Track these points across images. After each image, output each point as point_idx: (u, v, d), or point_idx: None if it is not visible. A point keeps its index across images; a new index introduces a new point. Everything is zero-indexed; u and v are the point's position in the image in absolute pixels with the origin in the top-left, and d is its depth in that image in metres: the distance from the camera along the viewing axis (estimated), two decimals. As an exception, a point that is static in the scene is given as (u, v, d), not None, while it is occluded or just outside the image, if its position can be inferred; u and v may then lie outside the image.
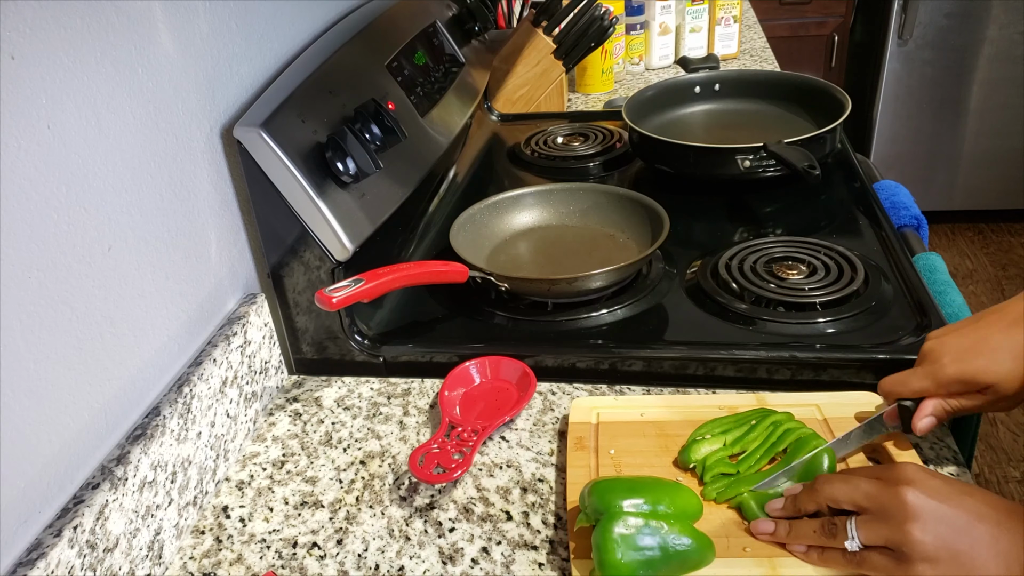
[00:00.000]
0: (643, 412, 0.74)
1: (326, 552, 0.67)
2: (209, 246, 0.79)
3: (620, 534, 0.56)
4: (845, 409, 0.72)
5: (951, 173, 2.82)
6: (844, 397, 0.74)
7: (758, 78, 1.34)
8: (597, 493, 0.60)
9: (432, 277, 0.87)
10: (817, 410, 0.72)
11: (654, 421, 0.73)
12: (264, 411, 0.84)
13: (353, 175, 0.81)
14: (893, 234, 0.97)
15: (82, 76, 0.61)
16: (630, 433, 0.72)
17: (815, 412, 0.72)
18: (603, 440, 0.71)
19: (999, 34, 2.55)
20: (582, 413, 0.75)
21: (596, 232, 1.02)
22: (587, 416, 0.74)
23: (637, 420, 0.73)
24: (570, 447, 0.71)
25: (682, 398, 0.77)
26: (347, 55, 0.93)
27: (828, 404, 0.73)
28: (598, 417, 0.74)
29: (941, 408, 0.63)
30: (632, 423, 0.73)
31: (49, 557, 0.55)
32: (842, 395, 0.74)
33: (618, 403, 0.76)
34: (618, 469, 0.68)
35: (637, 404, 0.76)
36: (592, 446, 0.70)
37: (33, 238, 0.57)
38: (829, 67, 2.83)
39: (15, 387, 0.55)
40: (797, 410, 0.72)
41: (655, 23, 1.75)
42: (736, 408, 0.73)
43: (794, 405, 0.73)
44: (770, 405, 0.73)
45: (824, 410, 0.72)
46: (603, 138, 1.31)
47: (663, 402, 0.76)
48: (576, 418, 0.74)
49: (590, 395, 0.81)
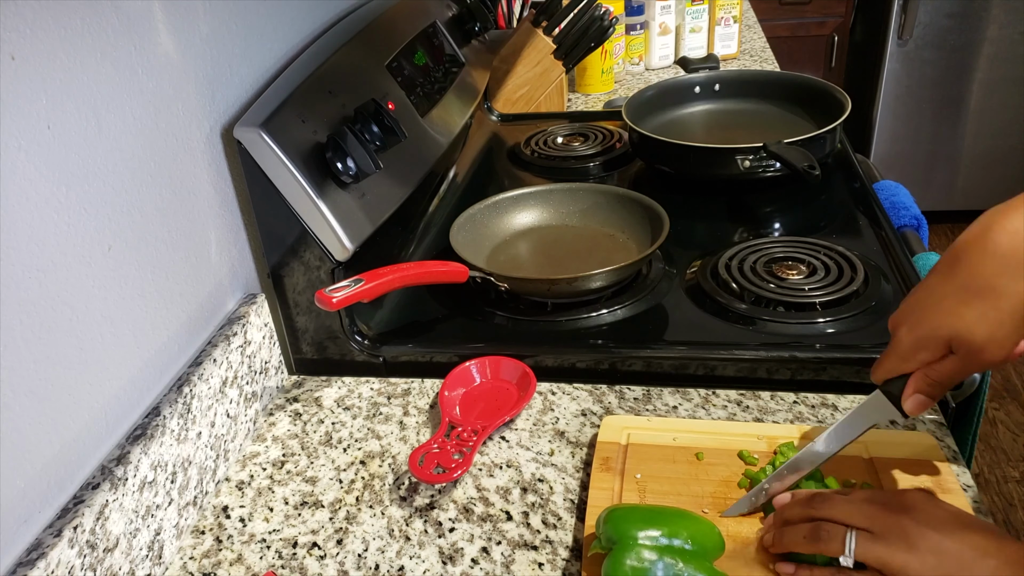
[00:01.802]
0: (676, 437, 0.70)
1: (326, 552, 0.67)
2: (209, 246, 0.79)
3: (632, 567, 0.54)
4: (897, 450, 0.67)
5: (951, 173, 2.82)
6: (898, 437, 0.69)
7: (758, 78, 1.34)
8: (613, 521, 0.57)
9: (432, 277, 0.87)
10: (863, 447, 0.67)
11: (687, 447, 0.69)
12: (264, 411, 0.84)
13: (353, 175, 0.81)
14: (893, 234, 0.97)
15: (82, 76, 0.61)
16: (660, 458, 0.68)
17: (860, 450, 0.67)
18: (631, 463, 0.68)
19: (999, 34, 2.55)
20: (612, 432, 0.71)
21: (596, 232, 1.02)
22: (617, 436, 0.71)
23: (669, 444, 0.70)
24: (595, 468, 0.67)
25: (720, 424, 0.73)
26: (347, 55, 0.93)
27: (877, 443, 0.67)
28: (628, 438, 0.71)
29: (923, 382, 0.58)
30: (664, 447, 0.69)
31: (49, 557, 0.55)
32: (895, 434, 0.69)
33: (652, 424, 0.72)
34: (642, 495, 0.65)
35: (672, 427, 0.72)
36: (618, 468, 0.67)
37: (33, 238, 0.57)
38: (829, 67, 2.83)
39: (15, 387, 0.55)
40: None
41: (655, 23, 1.75)
42: (776, 439, 0.69)
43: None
44: (811, 439, 0.66)
45: (871, 448, 0.67)
46: (603, 138, 1.31)
47: (700, 427, 0.72)
48: (605, 437, 0.71)
49: (622, 412, 0.78)
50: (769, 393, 0.79)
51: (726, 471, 0.67)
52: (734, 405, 0.78)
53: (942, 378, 0.58)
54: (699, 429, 0.72)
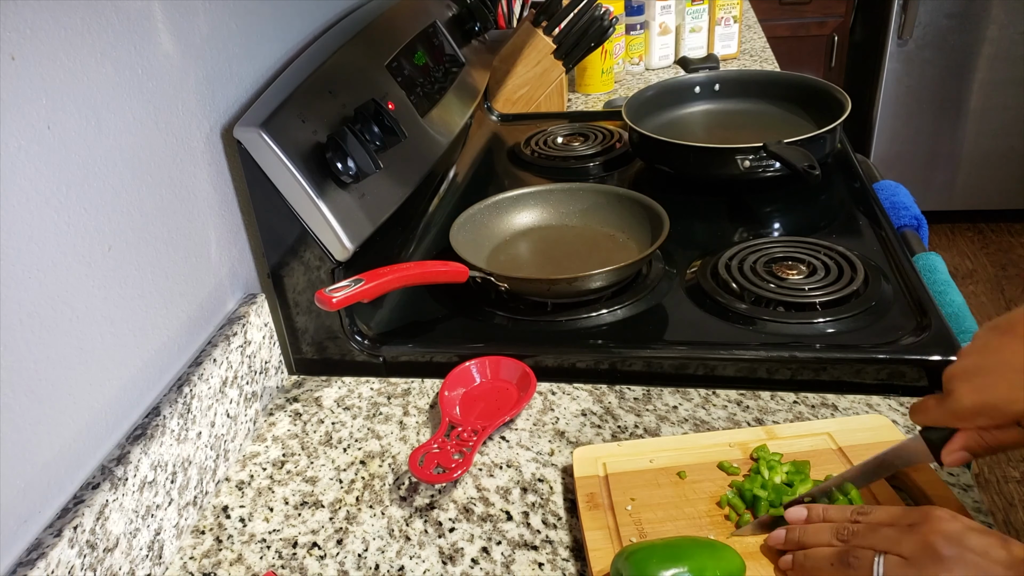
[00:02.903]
0: (652, 458, 0.69)
1: (326, 552, 0.67)
2: (209, 246, 0.79)
3: None
4: (860, 435, 0.69)
5: (951, 173, 2.82)
6: (855, 422, 0.71)
7: (758, 78, 1.34)
8: (635, 563, 0.56)
9: (432, 277, 0.87)
10: (829, 439, 0.69)
11: (666, 467, 0.68)
12: (264, 411, 0.84)
13: (353, 175, 0.81)
14: (893, 234, 0.97)
15: (82, 76, 0.61)
16: (644, 484, 0.66)
17: (828, 442, 0.69)
18: (616, 495, 0.66)
19: (999, 34, 2.55)
20: (588, 465, 0.69)
21: (596, 232, 1.02)
22: (593, 468, 0.69)
23: (648, 468, 0.68)
24: (583, 507, 0.65)
25: (690, 438, 0.72)
26: (347, 55, 0.93)
27: (841, 431, 0.70)
28: (605, 468, 0.69)
29: (976, 443, 0.56)
30: (644, 472, 0.68)
31: (49, 557, 0.55)
32: (853, 420, 0.72)
33: (623, 450, 0.70)
34: (639, 526, 0.63)
35: (644, 449, 0.70)
36: (606, 503, 0.65)
37: (33, 238, 0.57)
38: (829, 67, 2.83)
39: (15, 387, 0.55)
40: (808, 440, 0.69)
41: (655, 23, 1.75)
42: (747, 444, 0.69)
43: (805, 436, 0.70)
44: (780, 438, 0.70)
45: (837, 437, 0.69)
46: (603, 138, 1.31)
47: (671, 444, 0.71)
48: (582, 472, 0.69)
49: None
50: (769, 393, 0.79)
51: (712, 486, 0.66)
52: (734, 405, 0.78)
53: (1000, 445, 0.56)
54: (671, 447, 0.70)
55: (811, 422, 0.72)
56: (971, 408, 0.54)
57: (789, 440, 0.70)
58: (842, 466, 0.66)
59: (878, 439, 0.68)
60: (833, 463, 0.67)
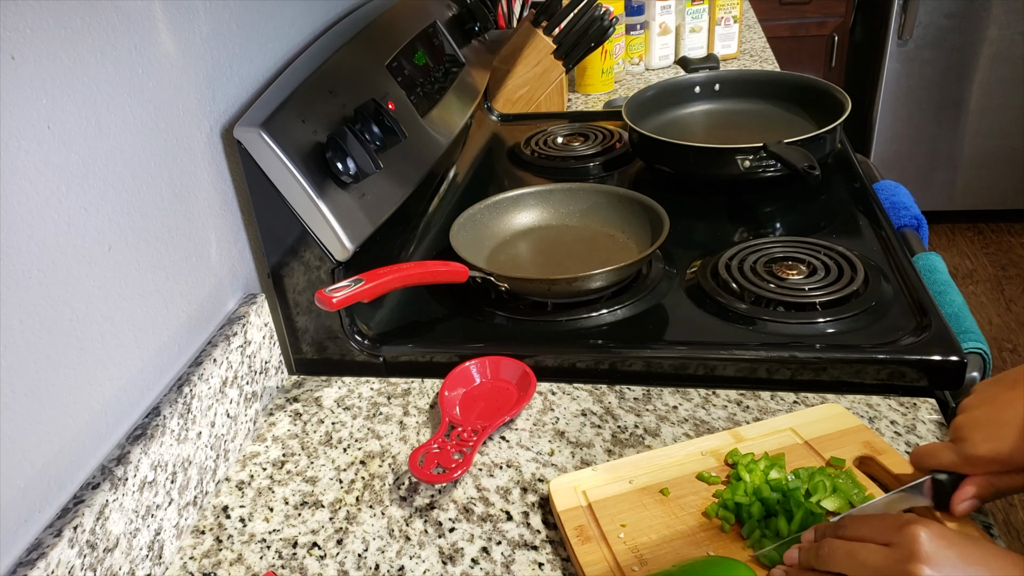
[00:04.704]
0: (631, 479, 0.67)
1: (326, 552, 0.67)
2: (209, 246, 0.79)
3: None
4: (821, 426, 0.70)
5: (951, 173, 2.83)
6: (813, 414, 0.72)
7: (758, 78, 1.34)
8: None
9: (432, 277, 0.87)
10: (794, 434, 0.70)
11: (648, 487, 0.66)
12: (264, 411, 0.84)
13: (353, 175, 0.81)
14: (893, 234, 0.97)
15: (82, 76, 0.61)
16: (629, 507, 0.64)
17: (793, 437, 0.70)
18: (605, 524, 0.63)
19: (999, 34, 2.55)
20: (567, 497, 0.66)
21: (596, 232, 1.02)
22: (574, 499, 0.66)
23: (630, 490, 0.66)
24: (574, 542, 0.62)
25: (660, 452, 0.70)
26: (347, 55, 0.93)
27: (802, 425, 0.71)
28: (586, 497, 0.66)
29: (988, 491, 0.56)
30: (626, 495, 0.66)
31: (49, 557, 0.55)
32: (810, 412, 0.72)
33: (599, 475, 0.68)
34: (637, 553, 0.60)
35: (620, 472, 0.68)
36: (596, 534, 0.63)
37: (33, 238, 0.57)
38: (829, 67, 2.83)
39: (15, 387, 0.55)
40: (775, 438, 0.69)
41: (655, 23, 1.75)
42: (718, 450, 0.69)
43: (769, 434, 0.70)
44: (748, 439, 0.70)
45: (801, 432, 0.70)
46: (603, 138, 1.31)
47: (645, 460, 0.69)
48: (563, 504, 0.66)
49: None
50: (769, 393, 0.79)
51: (697, 499, 0.65)
52: (734, 405, 0.78)
53: (1008, 489, 0.57)
54: (646, 465, 0.69)
55: (773, 419, 0.73)
56: (986, 456, 0.56)
57: (757, 440, 0.70)
58: (813, 460, 0.67)
59: (838, 427, 0.70)
60: (805, 458, 0.68)
